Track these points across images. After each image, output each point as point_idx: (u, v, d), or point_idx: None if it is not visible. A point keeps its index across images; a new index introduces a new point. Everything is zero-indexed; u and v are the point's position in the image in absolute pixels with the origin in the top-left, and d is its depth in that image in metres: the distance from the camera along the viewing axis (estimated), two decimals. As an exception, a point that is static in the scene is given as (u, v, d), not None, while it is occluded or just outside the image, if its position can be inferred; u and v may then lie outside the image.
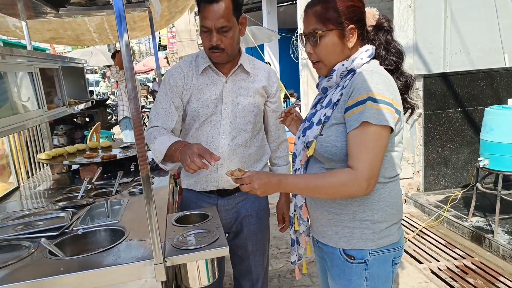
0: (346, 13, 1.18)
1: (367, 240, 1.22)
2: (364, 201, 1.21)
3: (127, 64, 1.10)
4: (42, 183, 2.43)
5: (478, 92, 4.00)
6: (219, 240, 1.33)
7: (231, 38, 1.53)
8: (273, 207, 4.60)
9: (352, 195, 1.17)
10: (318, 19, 1.19)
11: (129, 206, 1.79)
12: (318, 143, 1.21)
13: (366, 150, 1.11)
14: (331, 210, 1.25)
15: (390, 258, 1.25)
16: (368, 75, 1.16)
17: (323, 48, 1.21)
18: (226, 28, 1.50)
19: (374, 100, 1.10)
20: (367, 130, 1.10)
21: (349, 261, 1.25)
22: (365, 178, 1.11)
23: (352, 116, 1.13)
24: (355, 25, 1.20)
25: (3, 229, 1.58)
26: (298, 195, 1.34)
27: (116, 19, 1.11)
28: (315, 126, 1.24)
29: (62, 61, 2.33)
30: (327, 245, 1.30)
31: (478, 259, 2.93)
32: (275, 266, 3.03)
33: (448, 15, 3.88)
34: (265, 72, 1.73)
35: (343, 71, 1.22)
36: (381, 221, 1.22)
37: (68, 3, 2.48)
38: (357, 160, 1.11)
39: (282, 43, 9.73)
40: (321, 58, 1.24)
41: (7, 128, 1.44)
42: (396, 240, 1.26)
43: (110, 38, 4.70)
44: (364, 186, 1.11)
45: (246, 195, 1.84)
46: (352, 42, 1.22)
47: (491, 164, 3.04)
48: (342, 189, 1.14)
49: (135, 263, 1.24)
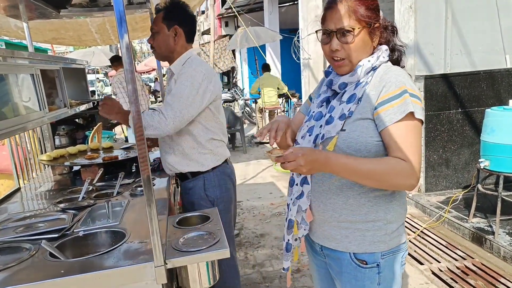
0: (376, 10, 1.19)
1: (379, 242, 1.20)
2: (378, 201, 1.20)
3: (128, 67, 1.10)
4: (44, 184, 2.43)
5: (479, 93, 4.00)
6: (220, 242, 1.33)
7: (159, 40, 2.02)
8: (274, 208, 4.61)
9: (401, 187, 1.15)
10: (350, 16, 1.16)
11: (130, 207, 1.79)
12: (340, 138, 1.16)
13: (415, 142, 1.10)
14: (343, 212, 1.21)
15: (399, 258, 1.24)
16: (396, 71, 1.17)
17: (354, 46, 1.18)
18: (154, 30, 2.03)
19: (411, 94, 1.11)
20: (411, 123, 1.11)
21: (361, 266, 1.21)
22: (418, 171, 1.10)
23: (390, 110, 1.11)
24: (381, 23, 1.21)
25: (4, 231, 1.58)
26: (303, 197, 1.27)
27: (116, 21, 1.11)
28: (338, 120, 1.19)
29: (63, 63, 2.33)
30: (335, 250, 1.25)
31: (479, 260, 2.93)
32: (276, 267, 3.03)
33: (449, 16, 3.87)
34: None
35: (368, 67, 1.20)
36: (393, 221, 1.21)
37: (69, 5, 2.48)
38: (408, 153, 1.09)
39: (284, 44, 9.73)
40: (349, 55, 1.19)
41: (8, 130, 1.44)
42: (404, 240, 1.26)
43: (111, 38, 4.71)
44: (417, 178, 1.10)
45: (189, 184, 2.10)
46: (377, 40, 1.22)
47: (492, 165, 3.04)
48: (394, 179, 1.10)
49: (136, 266, 1.24)
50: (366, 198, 1.19)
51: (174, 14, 1.99)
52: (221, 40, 12.07)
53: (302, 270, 2.95)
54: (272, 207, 4.39)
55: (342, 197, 1.21)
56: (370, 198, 1.19)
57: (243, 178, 5.60)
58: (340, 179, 1.20)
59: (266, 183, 5.35)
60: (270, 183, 5.31)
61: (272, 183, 5.33)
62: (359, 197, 1.20)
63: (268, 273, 2.96)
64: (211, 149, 2.07)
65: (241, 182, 5.41)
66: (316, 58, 6.40)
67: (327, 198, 1.23)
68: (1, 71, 1.51)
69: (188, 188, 2.12)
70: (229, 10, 12.09)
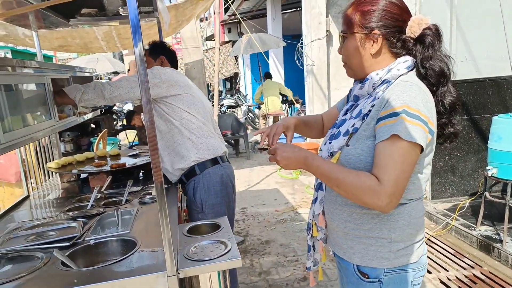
0: (372, 17, 1.14)
1: (382, 259, 1.17)
2: (381, 219, 1.16)
3: (143, 78, 1.11)
4: (52, 192, 2.44)
5: (485, 100, 3.99)
6: (231, 251, 1.33)
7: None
8: (279, 214, 4.59)
9: (368, 205, 1.08)
10: (345, 21, 1.20)
11: (139, 215, 1.80)
12: (343, 154, 1.16)
13: (394, 164, 1.04)
14: (347, 224, 1.20)
15: (409, 278, 1.19)
16: (406, 86, 1.09)
17: (345, 50, 1.21)
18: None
19: (409, 114, 1.04)
20: (397, 144, 1.04)
21: (362, 279, 1.20)
22: (388, 193, 1.03)
23: (383, 127, 1.06)
24: (382, 32, 1.14)
25: (16, 240, 1.59)
26: (317, 202, 1.29)
27: (131, 31, 1.13)
28: (342, 136, 1.19)
29: (73, 71, 2.35)
30: (342, 258, 1.26)
31: (487, 268, 2.91)
32: (282, 275, 3.02)
33: (454, 23, 3.88)
34: None
35: (376, 81, 1.16)
36: (398, 240, 1.16)
37: (79, 14, 2.51)
38: (383, 172, 1.04)
39: (287, 50, 9.76)
40: (347, 60, 1.24)
41: (21, 139, 1.45)
42: (415, 259, 1.19)
43: (117, 46, 4.74)
44: (385, 201, 1.03)
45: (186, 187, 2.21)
46: (374, 48, 1.15)
47: (500, 173, 3.03)
48: (360, 194, 1.06)
49: (148, 275, 1.24)
50: (370, 214, 1.16)
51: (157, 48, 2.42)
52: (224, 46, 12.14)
53: (309, 278, 2.93)
54: (277, 214, 4.38)
55: (346, 210, 1.20)
56: (374, 215, 1.16)
57: (247, 185, 5.59)
58: None
59: (271, 189, 5.35)
60: (274, 190, 5.30)
61: (277, 189, 5.32)
62: (363, 212, 1.17)
63: (275, 281, 2.95)
64: (191, 139, 2.17)
65: (245, 189, 5.41)
66: (320, 64, 6.41)
67: (334, 208, 1.24)
68: (14, 82, 1.52)
69: (185, 192, 2.25)
70: (232, 16, 12.17)
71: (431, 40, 1.14)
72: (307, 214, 4.21)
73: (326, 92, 6.46)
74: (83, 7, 2.40)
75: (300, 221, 4.11)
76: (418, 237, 1.21)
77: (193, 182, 2.18)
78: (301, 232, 3.82)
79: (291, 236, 3.75)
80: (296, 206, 4.57)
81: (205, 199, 2.16)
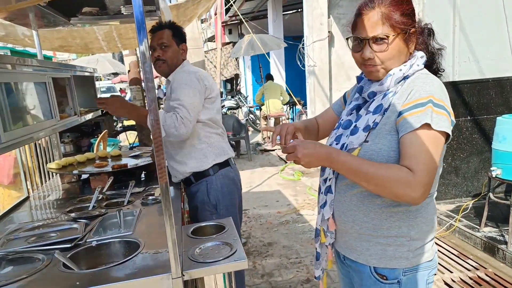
0: (411, 15, 1.14)
1: (401, 259, 1.15)
2: (400, 217, 1.14)
3: (148, 76, 1.08)
4: (52, 192, 2.41)
5: (488, 101, 3.97)
6: (237, 253, 1.30)
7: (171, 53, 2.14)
8: (281, 216, 4.56)
9: (400, 198, 1.05)
10: (384, 23, 1.10)
11: (142, 217, 1.77)
12: (363, 150, 1.13)
13: (426, 153, 1.02)
14: (363, 225, 1.17)
15: (425, 276, 1.19)
16: (427, 79, 1.11)
17: (389, 53, 1.12)
18: (165, 44, 2.13)
19: (435, 104, 1.05)
20: (427, 133, 1.03)
21: (380, 281, 1.17)
22: (422, 183, 1.01)
23: (409, 118, 1.05)
24: (416, 29, 1.15)
25: (17, 241, 1.56)
26: (326, 206, 1.25)
27: (136, 29, 1.11)
28: (362, 131, 1.15)
29: (74, 70, 2.32)
30: (356, 262, 1.22)
31: (492, 270, 2.88)
32: (285, 277, 2.99)
33: (457, 24, 3.86)
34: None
35: (399, 77, 1.15)
36: (417, 238, 1.16)
37: (80, 13, 2.48)
38: (415, 162, 1.01)
39: (288, 51, 9.75)
40: (383, 63, 1.14)
41: (22, 139, 1.43)
42: (430, 257, 1.19)
43: (118, 46, 4.72)
44: (419, 192, 1.01)
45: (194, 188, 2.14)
46: (413, 46, 1.16)
47: (504, 173, 3.00)
48: (393, 186, 1.02)
49: (152, 277, 1.21)
50: (388, 213, 1.14)
51: (180, 33, 2.22)
52: (225, 47, 12.12)
53: (312, 280, 2.91)
54: (279, 216, 4.35)
55: (363, 210, 1.17)
56: (393, 213, 1.14)
57: (249, 186, 5.56)
58: (362, 191, 1.16)
59: (273, 191, 5.32)
60: (276, 191, 5.27)
61: (279, 191, 5.29)
62: (381, 211, 1.15)
63: (277, 283, 2.92)
64: (209, 143, 2.12)
65: (247, 190, 5.38)
66: (321, 65, 6.39)
67: (348, 209, 1.20)
68: (14, 80, 1.50)
69: (192, 193, 2.17)
70: (233, 17, 12.16)
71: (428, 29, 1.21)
72: (310, 216, 4.21)
73: (328, 93, 6.44)
74: (84, 6, 2.37)
75: (303, 223, 4.08)
76: (433, 235, 1.20)
77: (205, 182, 2.12)
78: (303, 234, 3.79)
79: (294, 238, 3.72)
80: (299, 208, 4.54)
81: (221, 200, 2.11)
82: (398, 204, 1.14)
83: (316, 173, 6.06)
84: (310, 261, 3.19)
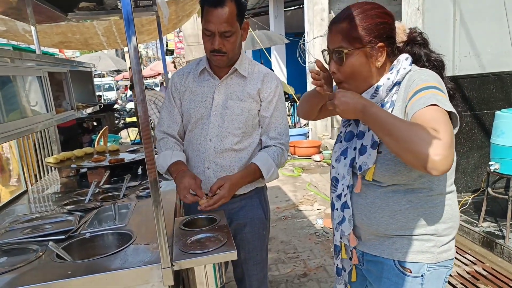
0: (374, 30, 1.11)
1: (427, 253, 1.16)
2: (427, 216, 1.14)
3: (135, 67, 1.09)
4: (50, 186, 2.43)
5: (488, 96, 3.95)
6: (227, 244, 1.31)
7: (233, 42, 1.54)
8: (280, 212, 4.57)
9: (420, 158, 0.93)
10: (344, 37, 1.12)
11: (136, 209, 1.79)
12: (378, 162, 1.13)
13: (444, 123, 0.97)
14: (389, 227, 1.17)
15: (444, 274, 1.19)
16: (422, 71, 1.12)
17: (348, 68, 1.13)
18: (229, 33, 1.51)
19: (437, 88, 1.04)
20: (438, 108, 0.99)
21: (404, 273, 1.17)
22: (446, 144, 0.92)
23: (416, 102, 1.03)
24: (384, 43, 1.13)
25: (11, 233, 1.58)
26: (345, 222, 1.24)
27: (124, 23, 1.11)
28: (371, 149, 1.14)
29: (71, 65, 2.34)
30: (378, 256, 1.22)
31: (490, 265, 2.88)
32: (282, 271, 3.00)
33: (458, 18, 3.84)
34: (261, 76, 1.68)
35: (389, 85, 1.15)
36: (444, 234, 1.17)
37: (77, 8, 2.50)
38: (438, 126, 0.96)
39: (289, 47, 9.73)
40: (345, 79, 1.16)
41: (16, 131, 1.44)
42: (452, 256, 1.20)
43: (118, 42, 4.74)
44: (441, 154, 0.91)
45: (239, 203, 1.71)
46: (380, 61, 1.14)
47: (502, 168, 2.99)
48: (416, 142, 0.94)
49: (143, 267, 1.23)
50: (415, 212, 1.14)
51: (244, 9, 1.58)
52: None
53: (309, 274, 2.92)
54: (278, 211, 4.36)
55: (387, 212, 1.16)
56: (419, 211, 1.13)
57: (249, 182, 5.57)
58: (385, 192, 1.15)
59: (272, 186, 5.33)
60: (276, 187, 5.29)
61: (278, 186, 5.30)
62: (407, 212, 1.14)
63: (275, 277, 2.93)
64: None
65: (247, 186, 5.39)
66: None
67: (371, 212, 1.19)
68: (10, 73, 1.52)
69: (241, 206, 1.73)
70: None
71: (422, 39, 1.22)
72: (308, 212, 4.22)
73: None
74: (81, 1, 2.38)
75: (301, 219, 4.09)
76: (455, 232, 1.20)
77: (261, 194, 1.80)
78: (301, 229, 3.80)
79: (292, 233, 3.73)
80: (298, 204, 4.56)
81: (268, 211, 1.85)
82: (424, 202, 1.14)
83: (316, 169, 6.06)
84: (308, 256, 3.20)
